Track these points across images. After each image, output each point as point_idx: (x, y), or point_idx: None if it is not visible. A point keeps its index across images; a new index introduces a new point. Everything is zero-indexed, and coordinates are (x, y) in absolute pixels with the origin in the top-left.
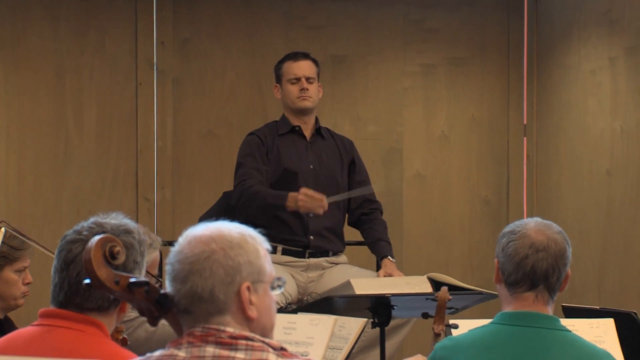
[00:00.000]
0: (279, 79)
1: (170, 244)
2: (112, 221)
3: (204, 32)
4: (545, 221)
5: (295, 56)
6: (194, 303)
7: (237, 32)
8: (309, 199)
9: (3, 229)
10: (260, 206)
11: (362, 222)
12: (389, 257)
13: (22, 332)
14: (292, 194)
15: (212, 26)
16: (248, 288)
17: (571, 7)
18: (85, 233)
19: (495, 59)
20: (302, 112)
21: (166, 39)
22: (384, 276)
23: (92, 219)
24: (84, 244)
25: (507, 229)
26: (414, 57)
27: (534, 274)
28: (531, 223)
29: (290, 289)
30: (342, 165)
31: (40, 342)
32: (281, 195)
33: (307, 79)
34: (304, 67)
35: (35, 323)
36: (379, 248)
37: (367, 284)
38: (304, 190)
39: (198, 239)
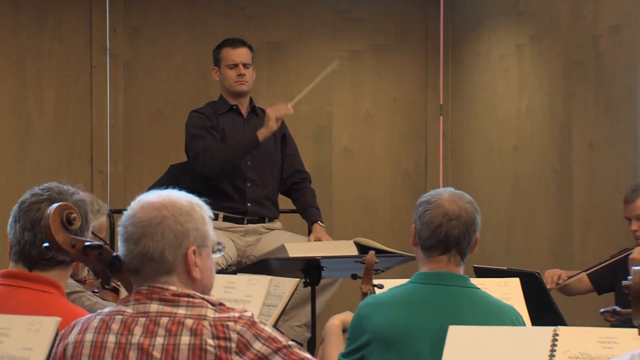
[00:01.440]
0: (217, 62)
1: (123, 212)
2: (63, 186)
3: (152, 21)
4: (457, 192)
5: (233, 43)
6: (144, 263)
7: (182, 20)
8: (276, 108)
9: None
10: (226, 155)
11: (293, 191)
12: (319, 222)
13: None
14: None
15: (160, 15)
16: (194, 251)
17: (484, 1)
18: (47, 194)
19: (414, 46)
20: (239, 94)
21: (118, 26)
22: (314, 240)
23: (44, 185)
24: (49, 202)
25: (423, 198)
26: (342, 44)
27: (447, 239)
28: (445, 194)
29: (230, 252)
30: (275, 139)
31: (5, 301)
32: (249, 138)
33: (244, 65)
34: (241, 54)
35: None
36: (309, 214)
37: (299, 247)
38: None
39: (151, 205)
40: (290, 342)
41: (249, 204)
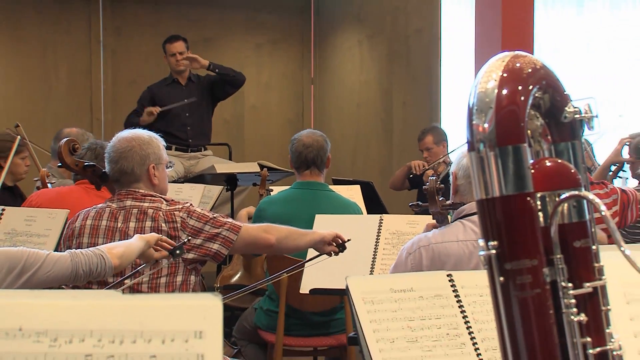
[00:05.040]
0: (165, 53)
1: None
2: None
3: (130, 23)
4: (313, 130)
5: (170, 40)
6: (122, 175)
7: (149, 22)
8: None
9: (18, 138)
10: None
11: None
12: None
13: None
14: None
15: (135, 20)
16: (153, 167)
17: (338, 11)
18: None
19: (295, 39)
20: (179, 72)
21: (108, 26)
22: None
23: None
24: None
25: (294, 136)
26: (250, 39)
27: (307, 160)
28: (304, 132)
29: (179, 170)
30: (202, 92)
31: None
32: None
33: (180, 53)
34: (176, 46)
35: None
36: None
37: (224, 166)
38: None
39: (124, 138)
40: (216, 214)
41: (190, 140)
